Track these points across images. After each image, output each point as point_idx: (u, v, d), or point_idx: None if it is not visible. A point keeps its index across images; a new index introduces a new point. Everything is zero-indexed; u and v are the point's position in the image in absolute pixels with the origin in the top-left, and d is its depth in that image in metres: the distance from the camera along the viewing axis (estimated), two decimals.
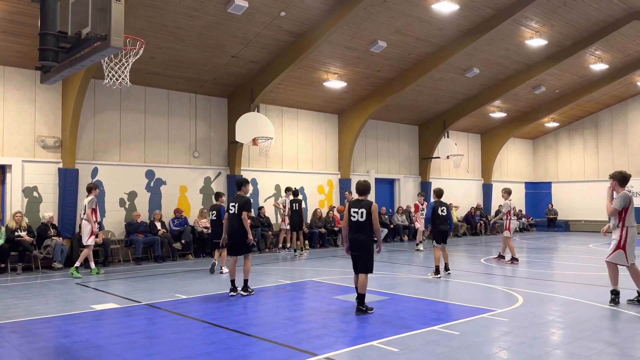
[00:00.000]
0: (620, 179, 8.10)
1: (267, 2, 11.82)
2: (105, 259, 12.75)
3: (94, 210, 11.12)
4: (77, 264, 10.97)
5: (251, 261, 9.05)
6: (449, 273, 10.83)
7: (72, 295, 8.81)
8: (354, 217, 7.24)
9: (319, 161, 18.51)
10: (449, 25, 14.53)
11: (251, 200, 9.03)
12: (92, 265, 11.32)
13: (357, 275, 7.31)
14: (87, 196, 11.26)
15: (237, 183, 9.08)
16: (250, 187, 9.35)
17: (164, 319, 7.05)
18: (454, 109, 20.77)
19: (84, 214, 11.11)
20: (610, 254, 7.85)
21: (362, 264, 7.22)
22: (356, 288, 7.36)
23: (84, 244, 11.09)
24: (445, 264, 10.86)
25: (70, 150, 12.71)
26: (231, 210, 8.76)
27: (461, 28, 14.87)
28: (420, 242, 16.22)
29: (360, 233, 7.22)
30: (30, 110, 12.57)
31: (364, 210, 7.19)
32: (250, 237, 8.71)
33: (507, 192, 13.97)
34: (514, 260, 12.62)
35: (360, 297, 7.19)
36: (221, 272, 11.25)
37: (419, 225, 16.24)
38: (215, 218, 11.29)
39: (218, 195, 11.58)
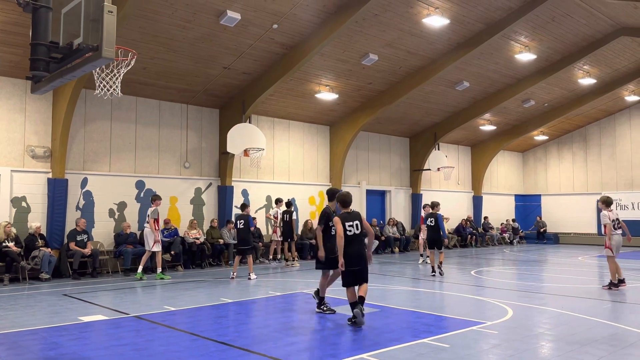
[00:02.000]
0: None
1: (259, 14, 11.90)
2: (93, 270, 12.64)
3: (156, 220, 12.07)
4: (159, 269, 12.24)
5: (326, 280, 8.08)
6: (434, 275, 12.50)
7: (59, 306, 8.71)
8: (350, 230, 7.11)
9: (310, 172, 18.53)
10: (439, 39, 14.70)
11: (329, 213, 7.98)
12: (159, 269, 12.30)
13: (351, 288, 7.21)
14: (151, 207, 12.23)
15: (329, 193, 8.19)
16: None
17: (153, 331, 6.98)
18: (444, 122, 20.93)
19: (147, 223, 12.18)
20: None
21: (366, 274, 7.29)
22: (353, 302, 7.13)
23: (151, 251, 12.15)
24: (432, 266, 12.74)
25: (60, 160, 12.63)
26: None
27: (451, 42, 15.04)
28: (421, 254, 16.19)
29: (360, 245, 7.18)
30: (20, 119, 12.50)
31: (357, 222, 7.19)
32: (321, 253, 7.73)
33: (605, 202, 10.59)
34: (612, 285, 10.34)
35: (363, 300, 7.22)
36: (249, 278, 11.95)
37: (422, 236, 16.23)
38: (242, 227, 12.03)
39: (244, 206, 12.42)
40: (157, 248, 12.16)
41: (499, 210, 26.01)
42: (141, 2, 10.36)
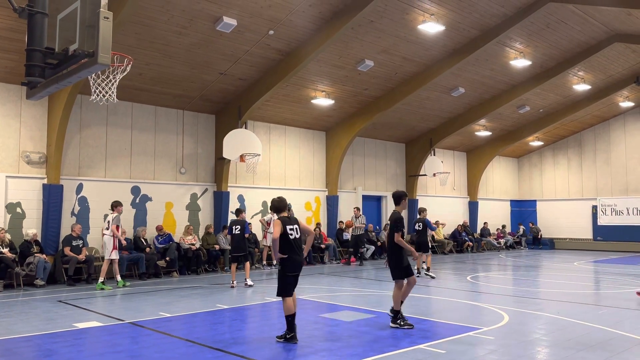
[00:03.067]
0: None
1: (255, 20, 11.93)
2: (88, 276, 12.58)
3: (118, 227, 11.73)
4: (101, 279, 11.52)
5: (400, 291, 7.56)
6: (418, 276, 12.93)
7: (54, 313, 8.66)
8: (292, 234, 6.79)
9: (306, 178, 18.52)
10: (435, 45, 14.76)
11: (400, 217, 7.72)
12: (119, 277, 11.87)
13: (290, 298, 6.73)
14: (111, 213, 11.83)
15: (395, 196, 7.84)
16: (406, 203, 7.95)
17: (148, 337, 6.95)
18: (440, 128, 20.99)
19: (107, 229, 11.69)
20: None
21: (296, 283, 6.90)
22: (292, 315, 6.67)
23: (108, 258, 11.66)
24: (427, 267, 13.45)
25: (55, 166, 12.59)
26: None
27: (447, 48, 15.11)
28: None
29: (299, 251, 6.85)
30: (16, 125, 12.46)
31: (297, 226, 6.93)
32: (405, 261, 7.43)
33: None
34: None
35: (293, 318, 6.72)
36: (245, 285, 11.78)
37: None
38: (238, 232, 11.70)
39: (239, 211, 12.20)
40: (115, 256, 11.68)
41: (495, 216, 26.06)
42: (137, 8, 10.36)
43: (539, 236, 25.86)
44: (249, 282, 11.90)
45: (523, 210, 27.28)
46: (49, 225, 12.51)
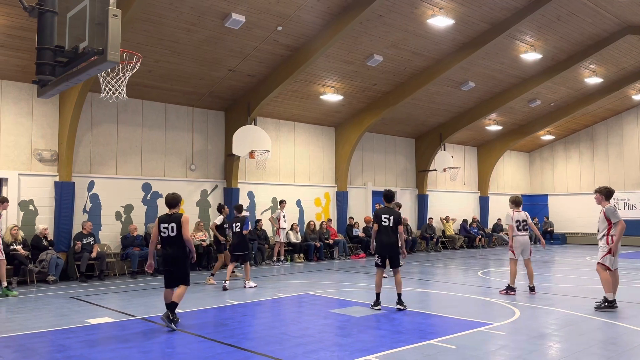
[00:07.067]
0: (606, 193, 8.70)
1: (264, 16, 11.93)
2: (100, 273, 12.69)
3: None
4: (4, 283, 10.03)
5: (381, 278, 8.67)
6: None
7: (66, 309, 8.75)
8: (164, 232, 7.23)
9: (315, 174, 18.53)
10: (444, 39, 14.67)
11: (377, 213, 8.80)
12: (4, 283, 10.03)
13: (171, 290, 7.31)
14: None
15: (387, 196, 8.78)
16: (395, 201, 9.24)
17: (159, 333, 7.00)
18: (450, 122, 20.88)
19: None
20: None
21: (178, 278, 7.30)
22: (167, 303, 7.27)
23: None
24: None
25: (67, 164, 12.70)
26: (385, 222, 8.40)
27: (456, 42, 15.01)
28: None
29: (172, 248, 7.24)
30: (28, 123, 12.58)
31: (174, 224, 7.21)
32: (404, 252, 8.84)
33: (513, 202, 11.14)
34: (509, 289, 9.92)
35: (174, 306, 7.20)
36: (244, 287, 10.93)
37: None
38: (239, 230, 11.14)
39: (240, 209, 11.64)
40: None
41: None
42: (146, 5, 10.41)
43: (550, 230, 25.66)
44: (250, 283, 10.99)
45: (534, 205, 27.08)
46: (61, 223, 12.63)
